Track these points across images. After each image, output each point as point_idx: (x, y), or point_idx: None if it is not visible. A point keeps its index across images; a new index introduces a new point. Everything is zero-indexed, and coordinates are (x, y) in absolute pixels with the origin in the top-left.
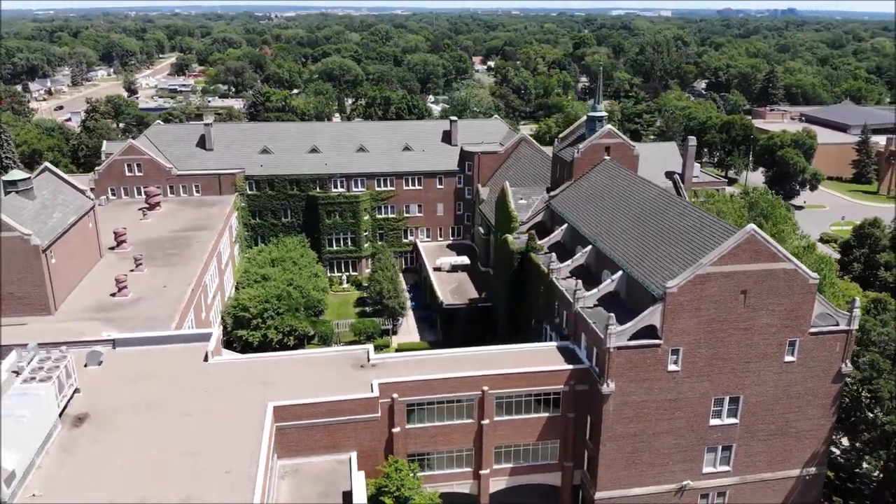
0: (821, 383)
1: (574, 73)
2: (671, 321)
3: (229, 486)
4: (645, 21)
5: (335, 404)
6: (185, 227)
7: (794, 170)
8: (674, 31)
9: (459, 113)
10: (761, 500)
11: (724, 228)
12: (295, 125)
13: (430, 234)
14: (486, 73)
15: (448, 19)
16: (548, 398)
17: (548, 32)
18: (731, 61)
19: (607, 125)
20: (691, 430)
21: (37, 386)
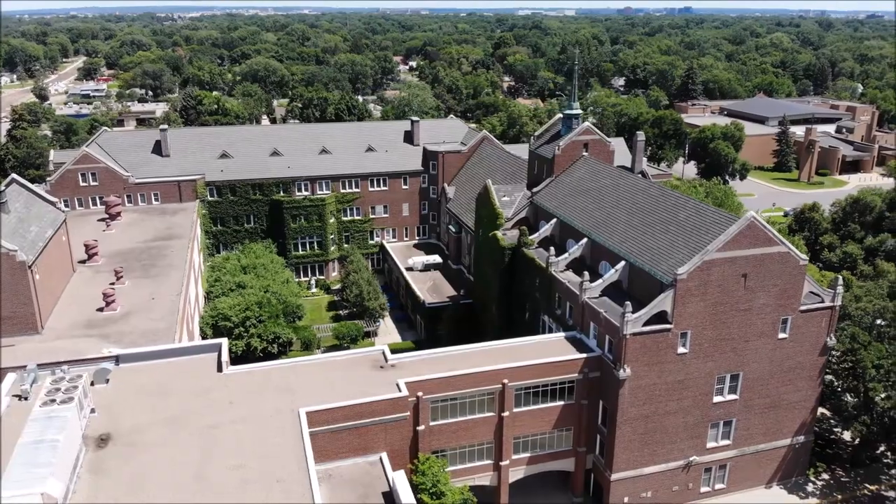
0: (809, 357)
1: (498, 73)
2: (681, 306)
3: (285, 494)
4: (554, 20)
5: (365, 406)
6: (154, 236)
7: (724, 161)
8: (588, 30)
9: (402, 113)
10: (757, 470)
11: (723, 216)
12: (254, 128)
13: (396, 234)
14: (408, 73)
15: (359, 19)
16: (563, 387)
17: (463, 33)
18: (646, 59)
19: (585, 122)
20: (697, 408)
21: (60, 408)
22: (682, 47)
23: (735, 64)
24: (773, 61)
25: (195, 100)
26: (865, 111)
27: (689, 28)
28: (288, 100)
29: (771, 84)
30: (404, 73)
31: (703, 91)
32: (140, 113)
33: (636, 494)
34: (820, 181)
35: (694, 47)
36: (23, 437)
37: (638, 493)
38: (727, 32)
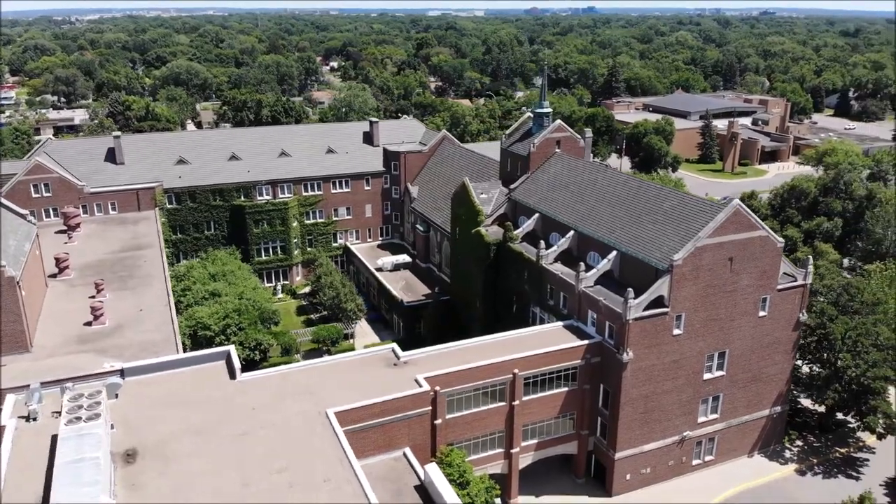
0: (784, 332)
1: (424, 73)
2: (677, 290)
3: (337, 493)
4: (467, 21)
5: (389, 403)
6: (122, 247)
7: (657, 154)
8: (507, 31)
9: (343, 114)
10: (741, 440)
11: (707, 205)
12: (210, 132)
13: (360, 235)
14: (330, 74)
15: (269, 19)
16: (566, 373)
17: (380, 33)
18: (566, 58)
19: (557, 121)
20: (690, 386)
21: (88, 425)
22: (596, 46)
23: (650, 62)
24: (683, 58)
25: (123, 105)
26: (777, 104)
27: (597, 28)
28: (213, 103)
29: (687, 80)
30: (326, 74)
31: (626, 88)
32: (57, 121)
33: (637, 471)
34: (743, 171)
35: (606, 46)
36: (59, 457)
37: (639, 470)
38: (634, 31)
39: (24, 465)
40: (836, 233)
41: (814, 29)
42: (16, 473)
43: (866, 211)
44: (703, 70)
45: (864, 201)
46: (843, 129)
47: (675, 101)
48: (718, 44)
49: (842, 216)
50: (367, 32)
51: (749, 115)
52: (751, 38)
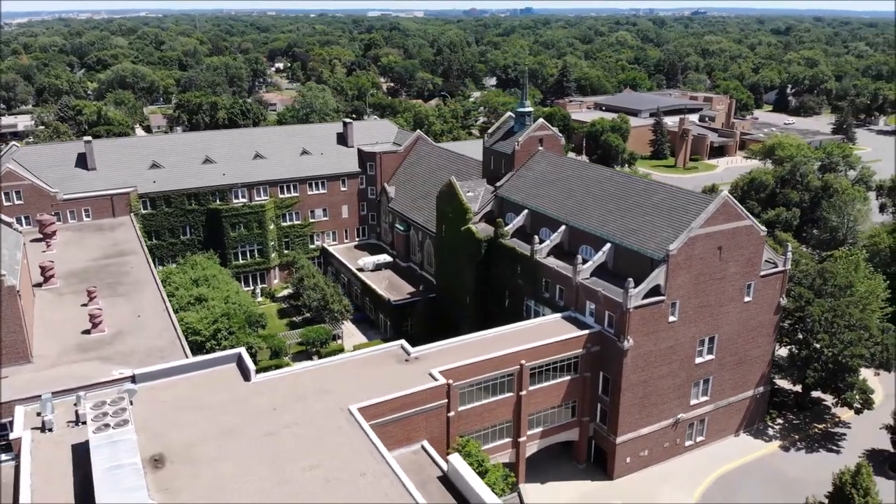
0: (767, 316)
1: (375, 74)
2: (673, 279)
3: (375, 486)
4: (410, 22)
5: (408, 397)
6: (103, 254)
7: (615, 152)
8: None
9: (306, 115)
10: (729, 421)
11: (696, 196)
12: (183, 136)
13: (337, 237)
14: (276, 75)
15: (206, 20)
16: (569, 363)
17: (323, 34)
18: (515, 59)
19: (541, 119)
20: (683, 370)
21: (118, 432)
22: (540, 47)
23: (597, 62)
24: (626, 58)
25: (73, 110)
26: (720, 101)
27: (538, 28)
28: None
29: (634, 79)
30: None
31: (577, 88)
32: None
33: (636, 454)
34: (694, 166)
35: (550, 47)
36: (96, 464)
37: (637, 453)
38: (575, 32)
39: (49, 477)
40: (794, 222)
41: (746, 28)
42: (42, 485)
43: (822, 201)
44: (646, 69)
45: (819, 192)
46: (783, 123)
47: (625, 99)
48: (657, 43)
49: (799, 206)
50: (310, 33)
51: (696, 112)
52: (688, 37)
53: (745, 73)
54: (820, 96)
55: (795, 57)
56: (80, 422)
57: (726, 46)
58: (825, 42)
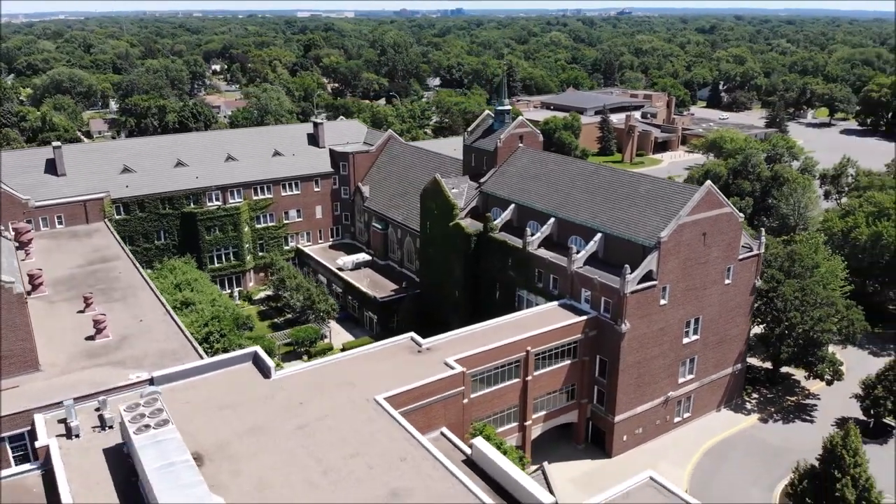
0: (744, 297)
1: (317, 75)
2: (664, 264)
3: (417, 469)
4: (344, 23)
5: (429, 385)
6: (86, 261)
7: (568, 149)
8: (394, 33)
9: (261, 117)
10: (711, 397)
11: (680, 186)
12: (152, 139)
13: (311, 237)
14: (213, 77)
15: (132, 23)
16: (569, 348)
17: (257, 35)
18: (458, 59)
19: (521, 117)
20: (672, 351)
21: (161, 431)
22: (478, 47)
23: (537, 62)
24: (565, 58)
25: (17, 116)
26: (660, 98)
27: (472, 29)
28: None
29: (576, 79)
30: (210, 78)
31: (522, 87)
32: None
33: (632, 432)
34: (641, 161)
35: (488, 47)
36: (147, 463)
37: (633, 431)
38: (509, 32)
39: (87, 482)
40: (747, 211)
41: (671, 27)
42: (82, 491)
43: (772, 190)
44: (584, 68)
45: (769, 181)
46: (719, 118)
47: (570, 98)
48: (589, 43)
49: (751, 196)
50: (243, 34)
51: (637, 109)
52: (620, 36)
53: (678, 70)
54: (750, 92)
55: (724, 55)
56: (106, 426)
57: (658, 45)
58: (749, 40)
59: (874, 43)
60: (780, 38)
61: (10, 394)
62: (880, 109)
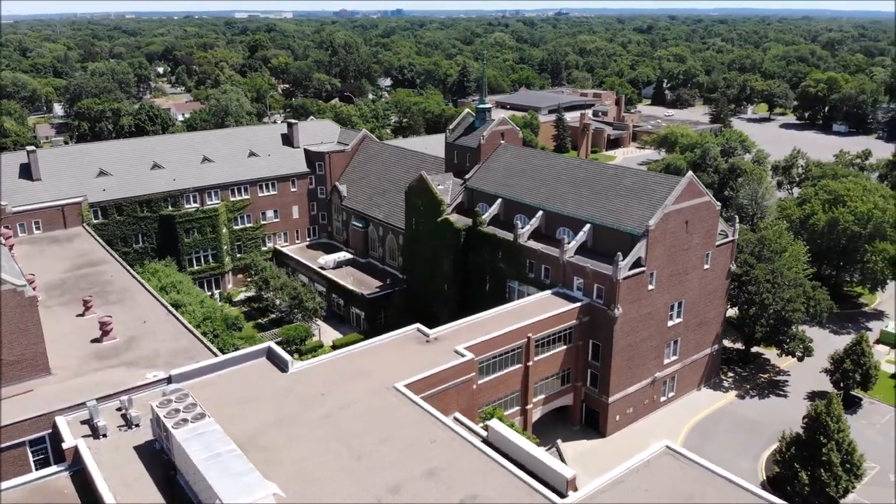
0: (720, 281)
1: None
2: (652, 251)
3: (450, 449)
4: (289, 24)
5: (444, 373)
6: (73, 265)
7: (530, 146)
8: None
9: (221, 119)
10: (693, 377)
11: (662, 178)
12: (127, 142)
13: (288, 237)
14: (158, 80)
15: (64, 26)
16: (565, 333)
17: (197, 36)
18: (410, 59)
19: (502, 115)
20: (659, 333)
21: (201, 424)
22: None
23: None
24: (513, 58)
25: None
26: (609, 97)
27: (416, 29)
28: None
29: (528, 78)
30: (155, 80)
31: (476, 88)
32: None
33: (624, 412)
34: (595, 157)
35: (434, 47)
36: (194, 455)
37: (624, 411)
38: (453, 33)
39: (124, 479)
40: None
41: (610, 27)
42: (121, 488)
43: (730, 182)
44: (531, 68)
45: (726, 174)
46: (665, 115)
47: (524, 97)
48: (532, 43)
49: (710, 187)
50: (183, 36)
51: (588, 107)
52: (564, 37)
53: (623, 69)
54: (693, 89)
55: (665, 54)
56: (133, 424)
57: (601, 45)
58: (686, 39)
59: (805, 40)
60: (714, 38)
61: (25, 398)
62: (817, 104)
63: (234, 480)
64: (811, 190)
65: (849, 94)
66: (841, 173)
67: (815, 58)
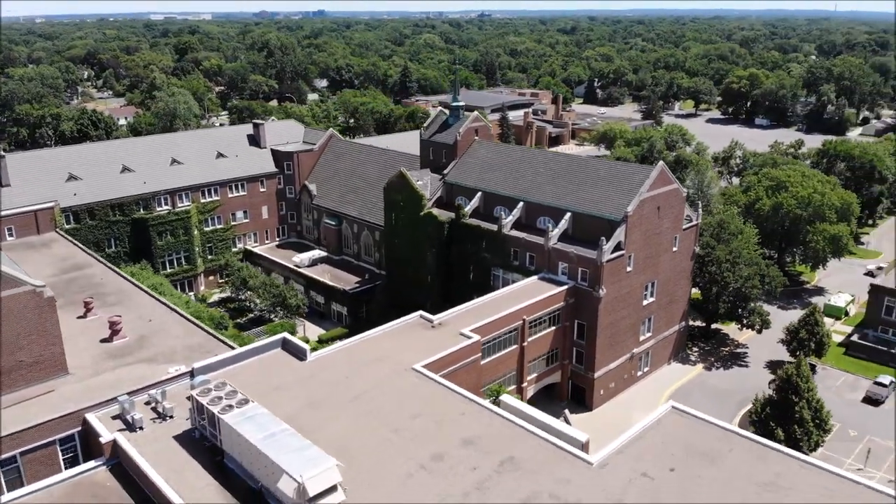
0: (686, 263)
1: (201, 77)
2: (630, 235)
3: (478, 420)
4: (212, 26)
5: (455, 354)
6: (59, 270)
7: None
8: (274, 34)
9: (170, 122)
10: (664, 352)
11: (634, 167)
12: (94, 146)
13: (258, 238)
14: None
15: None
16: (554, 315)
17: (118, 39)
18: (347, 60)
19: (475, 112)
20: (635, 312)
21: (248, 408)
22: (359, 48)
23: (422, 63)
24: (448, 59)
25: None
26: (545, 96)
27: (343, 31)
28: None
29: (467, 79)
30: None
31: (419, 88)
32: None
33: (607, 386)
34: None
35: (366, 48)
36: (249, 435)
37: (607, 385)
38: (383, 34)
39: (174, 468)
40: None
41: (534, 29)
42: (173, 476)
43: (676, 173)
44: (466, 69)
45: (672, 165)
46: (599, 113)
47: (467, 97)
48: (461, 44)
49: None
50: (103, 39)
51: (528, 106)
52: (494, 38)
53: (555, 70)
54: (622, 88)
55: (592, 54)
56: (167, 416)
57: (531, 47)
58: (608, 39)
59: (720, 38)
60: (635, 38)
61: (48, 398)
62: (740, 99)
63: (296, 455)
64: (755, 178)
65: (770, 90)
66: (780, 162)
67: (734, 56)
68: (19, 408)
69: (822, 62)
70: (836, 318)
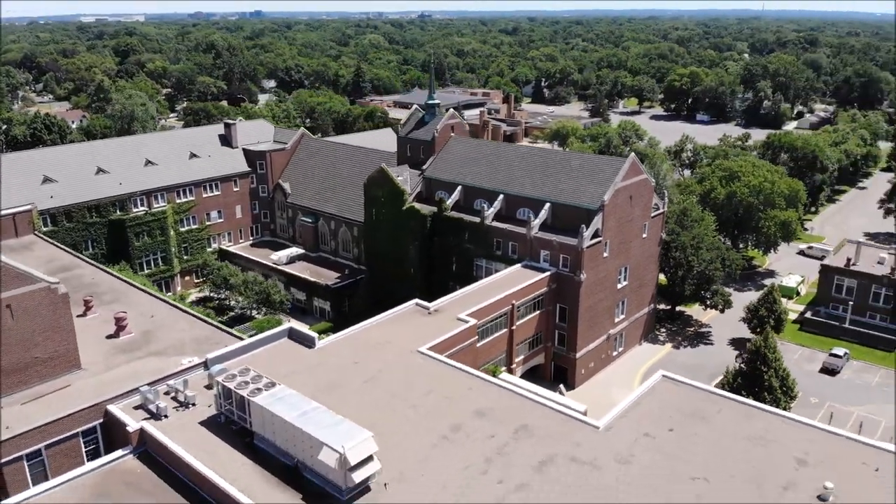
0: (654, 248)
1: (146, 80)
2: (607, 223)
3: (487, 394)
4: (147, 27)
5: (454, 337)
6: (47, 271)
7: None
8: (218, 35)
9: (128, 124)
10: (636, 333)
11: (606, 159)
12: (67, 148)
13: (232, 237)
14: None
15: None
16: (538, 300)
17: (55, 42)
18: (296, 61)
19: (451, 109)
20: (611, 295)
21: (277, 390)
22: (304, 48)
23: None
24: (397, 60)
25: None
26: (497, 95)
27: (285, 31)
28: None
29: (418, 79)
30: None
31: (372, 88)
32: None
33: (587, 366)
34: None
35: (312, 48)
36: (284, 415)
37: (587, 365)
38: (326, 34)
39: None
40: None
41: (476, 29)
42: (208, 458)
43: None
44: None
45: None
46: (548, 112)
47: (420, 97)
48: (405, 44)
49: None
50: (38, 42)
51: (481, 106)
52: (439, 38)
53: (503, 70)
54: (568, 87)
55: (537, 54)
56: (189, 404)
57: (477, 47)
58: (549, 39)
59: (657, 38)
60: (575, 38)
61: (65, 392)
62: (681, 96)
63: (332, 430)
64: (708, 169)
65: (710, 87)
66: (730, 153)
67: (673, 55)
68: (39, 403)
69: (757, 60)
70: (789, 298)
